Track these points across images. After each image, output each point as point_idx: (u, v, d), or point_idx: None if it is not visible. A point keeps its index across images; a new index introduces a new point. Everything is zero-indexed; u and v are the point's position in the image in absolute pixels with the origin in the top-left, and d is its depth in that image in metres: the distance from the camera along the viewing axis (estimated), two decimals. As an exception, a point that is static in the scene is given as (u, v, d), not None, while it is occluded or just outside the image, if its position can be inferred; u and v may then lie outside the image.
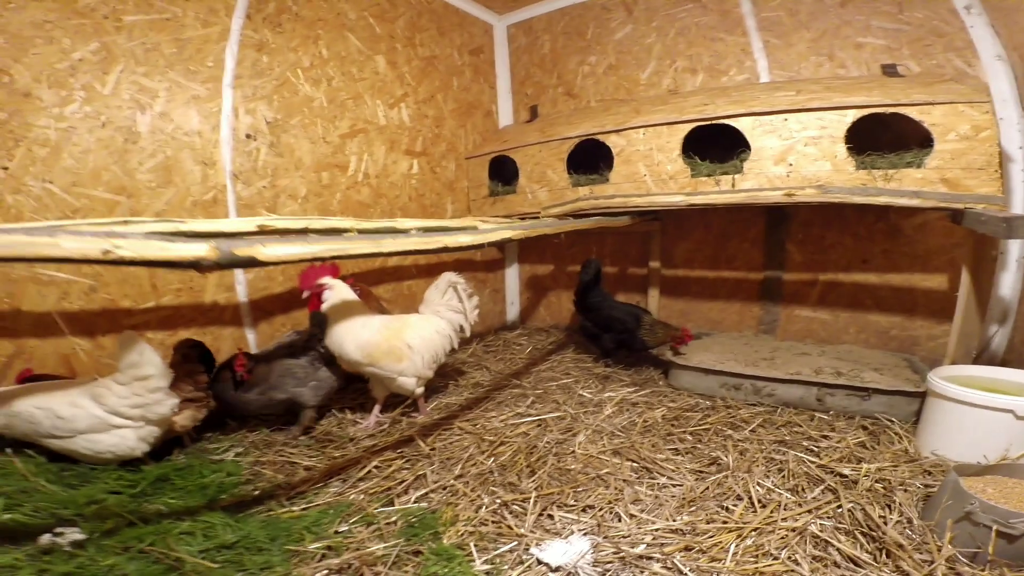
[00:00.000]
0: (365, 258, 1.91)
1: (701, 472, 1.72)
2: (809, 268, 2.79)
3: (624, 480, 1.68)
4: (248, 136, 2.33)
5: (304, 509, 1.60)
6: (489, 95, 3.68)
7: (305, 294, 2.02)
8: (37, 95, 1.83)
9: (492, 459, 1.84)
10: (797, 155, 2.16)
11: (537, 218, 2.70)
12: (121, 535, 1.34)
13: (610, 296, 2.79)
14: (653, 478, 1.70)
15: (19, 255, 0.83)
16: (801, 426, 1.98)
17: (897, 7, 2.47)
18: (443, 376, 2.59)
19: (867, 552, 1.28)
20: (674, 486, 1.64)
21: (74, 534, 1.27)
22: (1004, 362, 2.32)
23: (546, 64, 3.54)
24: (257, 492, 1.69)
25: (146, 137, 2.04)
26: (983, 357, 2.36)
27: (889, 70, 2.41)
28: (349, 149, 2.71)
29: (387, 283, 3.01)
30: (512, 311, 3.89)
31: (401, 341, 2.05)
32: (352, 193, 2.74)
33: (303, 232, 1.29)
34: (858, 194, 1.95)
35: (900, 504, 1.44)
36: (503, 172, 3.18)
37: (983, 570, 1.17)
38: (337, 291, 2.03)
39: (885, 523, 1.35)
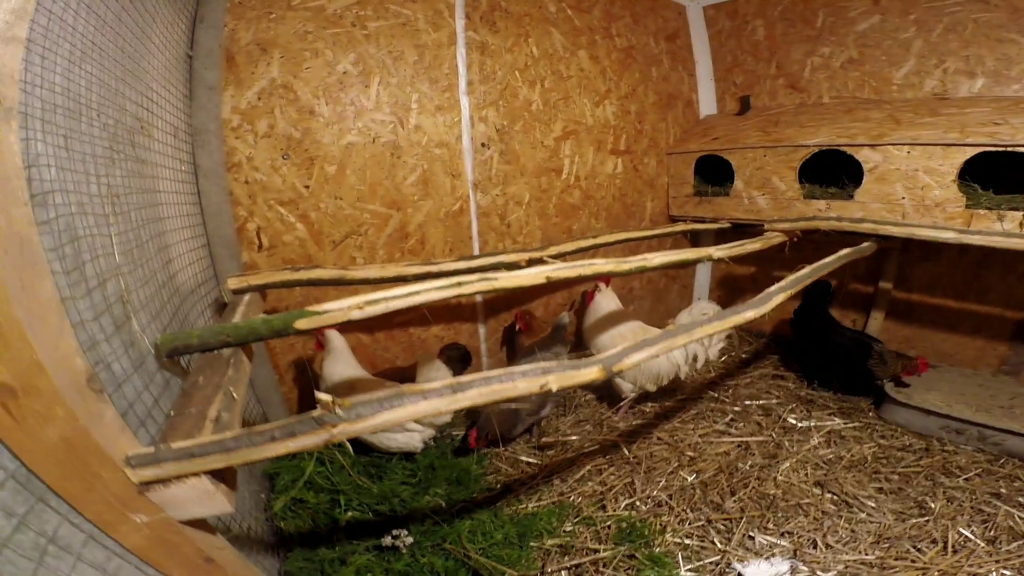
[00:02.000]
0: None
1: (902, 513, 1.76)
2: None
3: (824, 511, 1.78)
4: (483, 145, 2.56)
5: (537, 505, 1.89)
6: (689, 83, 3.56)
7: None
8: (319, 112, 2.15)
9: (694, 475, 2.01)
10: None
11: (758, 229, 2.60)
12: (431, 535, 1.69)
13: (837, 322, 2.64)
14: (852, 512, 1.78)
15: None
16: (1023, 479, 1.89)
17: None
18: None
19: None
20: (871, 522, 1.72)
21: (407, 537, 1.62)
22: None
23: (761, 52, 3.32)
24: (499, 486, 2.01)
25: (407, 151, 2.35)
26: None
27: None
28: (563, 152, 2.86)
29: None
30: (698, 305, 3.83)
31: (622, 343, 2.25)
32: (565, 196, 2.91)
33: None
34: None
35: None
36: (708, 169, 3.13)
37: None
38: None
39: None
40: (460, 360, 2.35)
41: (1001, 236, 1.99)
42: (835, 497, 1.85)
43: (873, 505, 1.80)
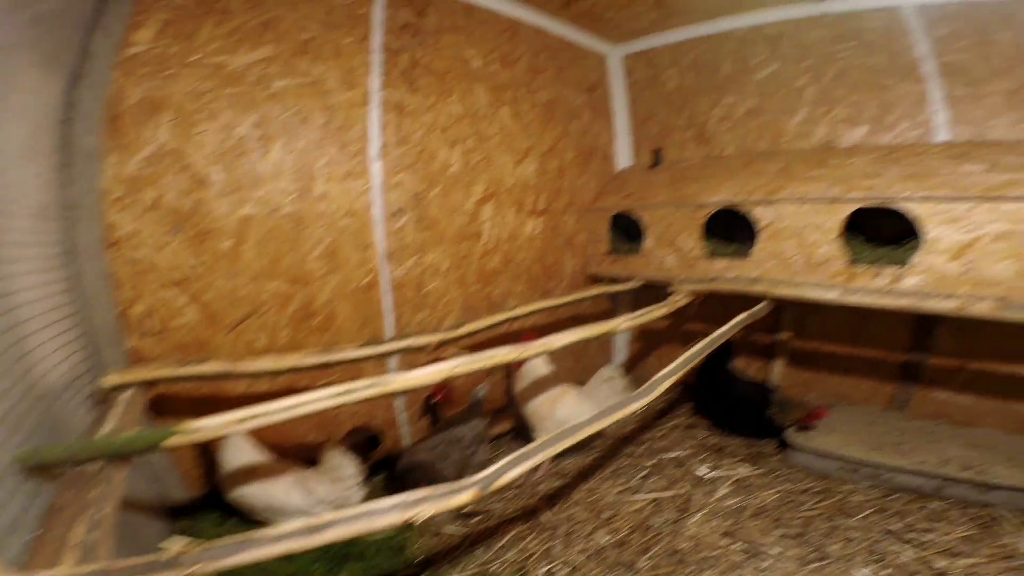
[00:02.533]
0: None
1: (804, 558, 1.87)
2: (959, 355, 2.64)
3: (732, 562, 1.88)
4: (397, 213, 2.53)
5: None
6: (607, 136, 3.70)
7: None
8: (214, 180, 2.00)
9: (610, 536, 2.07)
10: (979, 252, 2.05)
11: (667, 289, 2.72)
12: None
13: (738, 374, 2.81)
14: (759, 561, 1.88)
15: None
16: (912, 515, 2.07)
17: None
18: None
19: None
20: (776, 570, 1.83)
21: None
22: None
23: (673, 102, 3.49)
24: (421, 558, 2.00)
25: (312, 222, 2.26)
26: None
27: None
28: (483, 215, 2.88)
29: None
30: (619, 357, 3.93)
31: (551, 409, 2.44)
32: (485, 262, 2.92)
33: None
34: None
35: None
36: (625, 224, 3.23)
37: None
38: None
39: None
40: (366, 444, 2.27)
41: (877, 295, 2.20)
42: (743, 546, 1.95)
43: (777, 552, 1.91)
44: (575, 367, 3.51)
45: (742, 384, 2.75)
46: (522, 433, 2.78)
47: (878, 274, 2.25)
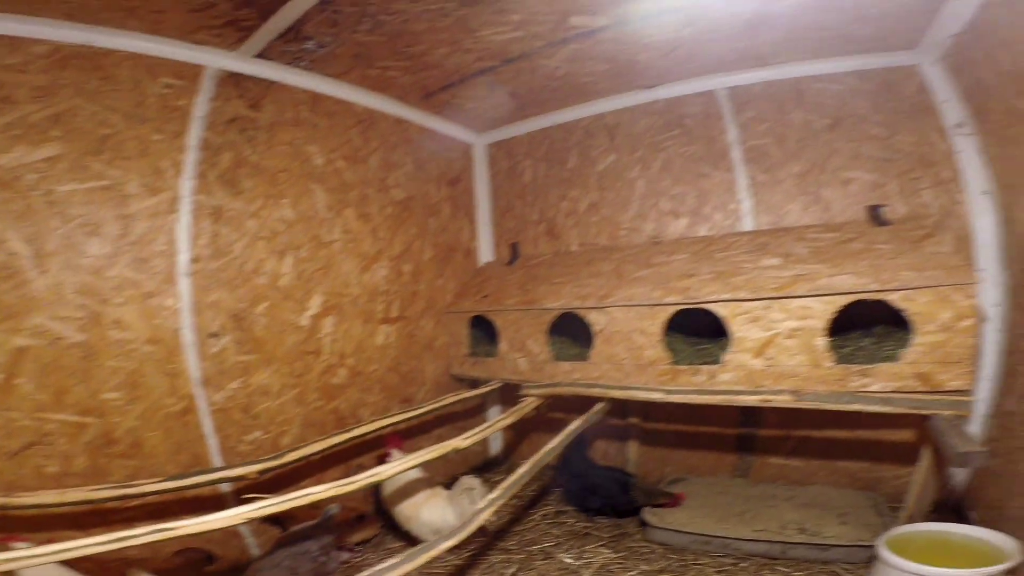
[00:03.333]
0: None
1: None
2: (783, 426, 2.88)
3: None
4: (214, 335, 2.34)
5: None
6: (468, 230, 3.74)
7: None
8: None
9: None
10: (777, 348, 2.23)
11: (521, 393, 2.78)
12: None
13: (594, 462, 2.90)
14: None
15: None
16: None
17: (887, 129, 2.63)
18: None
19: None
20: None
21: None
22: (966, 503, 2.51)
23: (527, 195, 3.62)
24: None
25: (104, 352, 2.02)
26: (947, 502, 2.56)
27: (875, 213, 2.55)
28: (323, 330, 2.74)
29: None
30: (495, 446, 3.85)
31: (416, 512, 2.48)
32: (328, 378, 2.76)
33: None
34: (830, 401, 2.09)
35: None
36: (487, 323, 3.23)
37: None
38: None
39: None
40: (198, 563, 2.08)
41: (695, 393, 2.35)
42: None
43: None
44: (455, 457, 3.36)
45: (600, 472, 2.85)
46: (394, 530, 2.68)
47: (697, 372, 2.39)
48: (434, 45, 2.50)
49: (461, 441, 2.11)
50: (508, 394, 3.82)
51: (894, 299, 2.02)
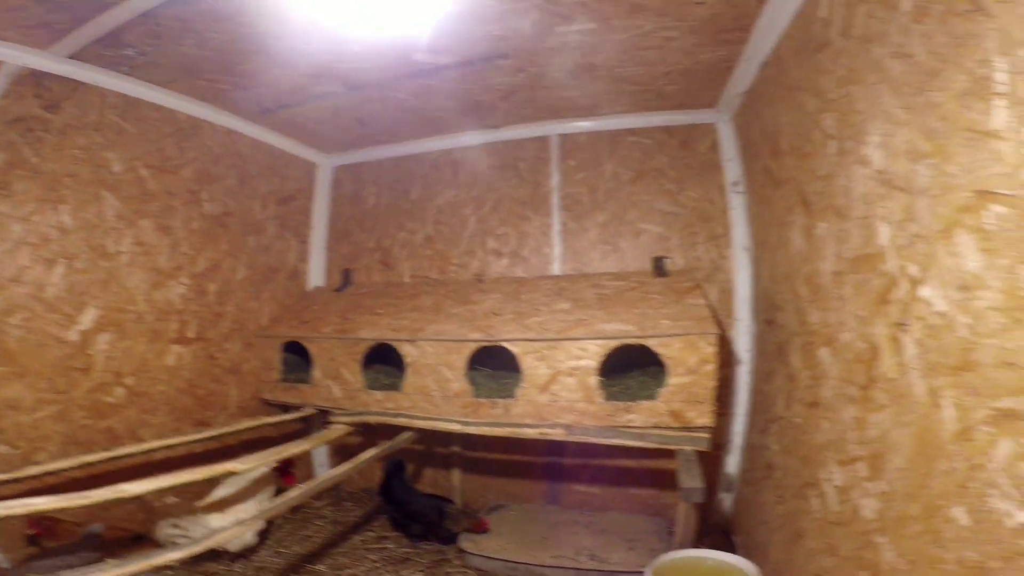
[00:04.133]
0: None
1: None
2: (582, 455, 3.15)
3: None
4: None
5: None
6: (299, 251, 3.63)
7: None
8: None
9: None
10: (560, 384, 2.43)
11: (329, 420, 2.73)
12: None
13: (414, 489, 2.99)
14: None
15: None
16: None
17: (678, 185, 2.97)
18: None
19: None
20: None
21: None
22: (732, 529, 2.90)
23: (367, 222, 3.61)
24: None
25: None
26: (712, 519, 2.98)
27: (659, 264, 2.87)
28: (95, 346, 2.47)
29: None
30: (321, 471, 3.66)
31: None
32: (100, 396, 2.49)
33: None
34: (595, 436, 2.37)
35: None
36: (302, 350, 3.12)
37: None
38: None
39: None
40: None
41: (488, 425, 2.52)
42: None
43: None
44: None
45: (419, 498, 2.92)
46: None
47: (495, 405, 2.54)
48: (266, 66, 2.46)
49: (239, 464, 2.09)
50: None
51: (653, 344, 2.32)
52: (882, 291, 1.37)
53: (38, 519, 2.20)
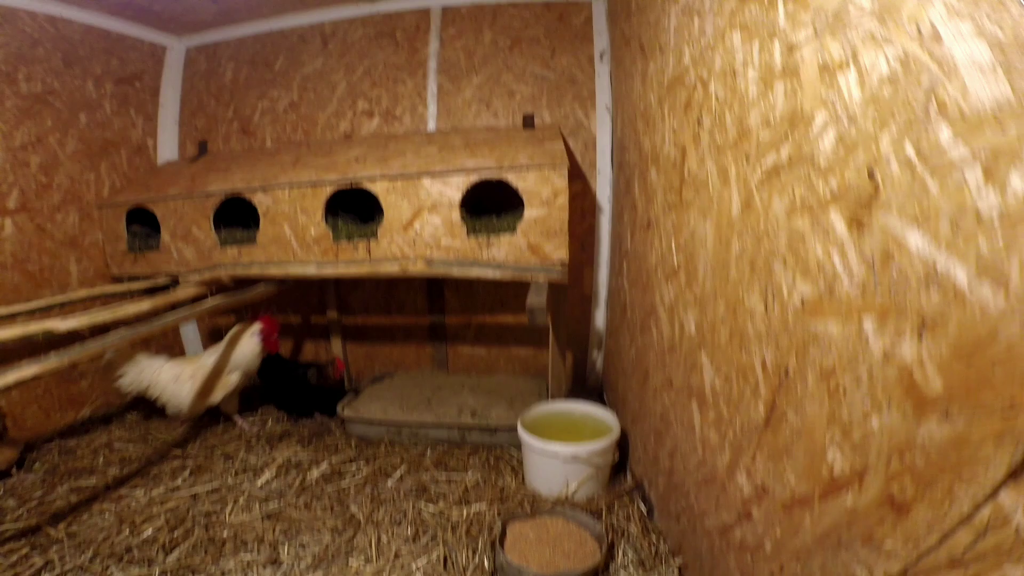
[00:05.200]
0: None
1: (338, 529, 1.96)
2: (464, 312, 3.32)
3: (269, 543, 1.88)
4: None
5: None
6: (145, 128, 3.40)
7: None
8: None
9: (134, 536, 1.91)
10: (423, 221, 2.48)
11: (177, 280, 2.63)
12: None
13: (286, 361, 3.00)
14: (297, 537, 1.92)
15: None
16: (440, 468, 2.36)
17: (551, 51, 3.11)
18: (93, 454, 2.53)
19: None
20: (314, 545, 1.88)
21: None
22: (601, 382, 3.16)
23: (223, 95, 3.46)
24: None
25: None
26: (589, 380, 3.21)
27: (528, 122, 3.01)
28: None
29: None
30: (192, 348, 3.69)
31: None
32: None
33: None
34: (455, 266, 2.42)
35: (481, 551, 1.81)
36: (153, 220, 2.97)
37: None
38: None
39: (465, 572, 1.71)
40: None
41: (344, 264, 2.52)
42: (282, 526, 1.96)
43: (318, 527, 1.95)
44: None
45: (287, 364, 2.96)
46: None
47: (357, 247, 2.55)
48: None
49: (62, 323, 2.01)
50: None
51: (511, 178, 2.39)
52: (686, 100, 1.53)
53: None
